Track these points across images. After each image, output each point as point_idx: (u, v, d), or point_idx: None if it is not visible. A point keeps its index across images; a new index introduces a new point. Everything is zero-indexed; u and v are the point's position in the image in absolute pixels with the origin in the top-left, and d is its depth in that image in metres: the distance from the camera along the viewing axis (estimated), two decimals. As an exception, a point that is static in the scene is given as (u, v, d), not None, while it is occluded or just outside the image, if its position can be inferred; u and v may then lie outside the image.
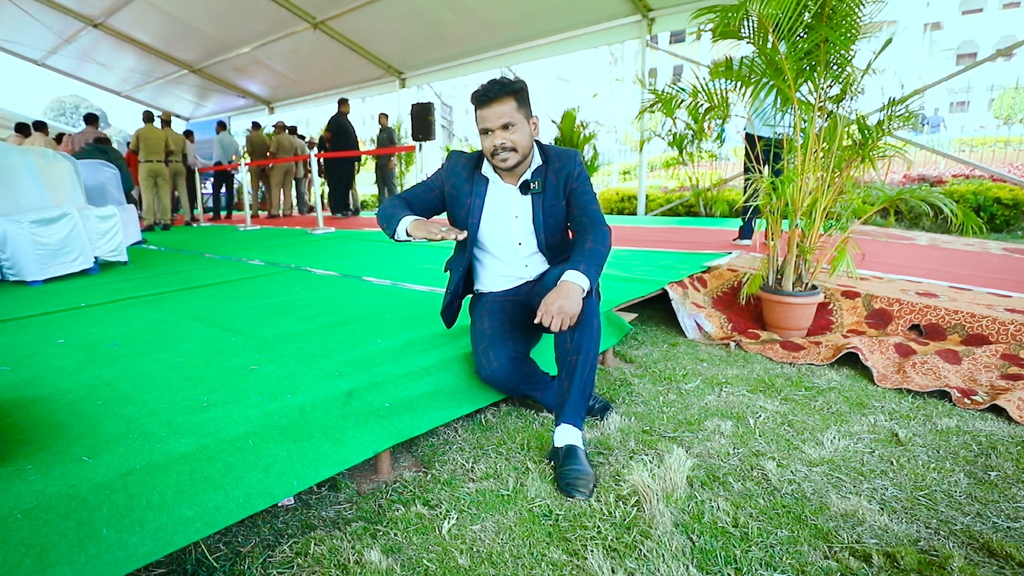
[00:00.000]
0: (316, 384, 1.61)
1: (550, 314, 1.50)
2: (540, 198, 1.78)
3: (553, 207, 1.79)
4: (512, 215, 1.81)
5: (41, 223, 3.70)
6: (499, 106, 1.63)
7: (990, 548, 1.17)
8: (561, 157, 1.79)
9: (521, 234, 1.83)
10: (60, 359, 1.96)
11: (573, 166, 1.78)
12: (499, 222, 1.81)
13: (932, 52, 29.69)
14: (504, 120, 1.64)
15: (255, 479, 1.21)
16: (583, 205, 1.76)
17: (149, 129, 7.84)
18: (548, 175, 1.77)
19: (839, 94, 2.65)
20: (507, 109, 1.64)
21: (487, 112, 1.64)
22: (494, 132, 1.65)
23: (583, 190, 1.77)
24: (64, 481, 1.08)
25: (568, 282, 1.55)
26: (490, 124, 1.64)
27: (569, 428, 1.56)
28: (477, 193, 1.80)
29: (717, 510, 1.32)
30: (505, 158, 1.68)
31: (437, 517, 1.35)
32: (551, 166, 1.78)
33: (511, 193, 1.80)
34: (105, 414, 1.44)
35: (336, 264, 4.10)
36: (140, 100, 13.33)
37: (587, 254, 1.63)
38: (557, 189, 1.78)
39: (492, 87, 1.63)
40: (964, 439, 1.68)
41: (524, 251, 1.85)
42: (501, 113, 1.63)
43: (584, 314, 1.57)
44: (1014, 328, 2.38)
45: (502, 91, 1.63)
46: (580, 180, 1.78)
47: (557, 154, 1.80)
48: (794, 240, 2.69)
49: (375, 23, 8.53)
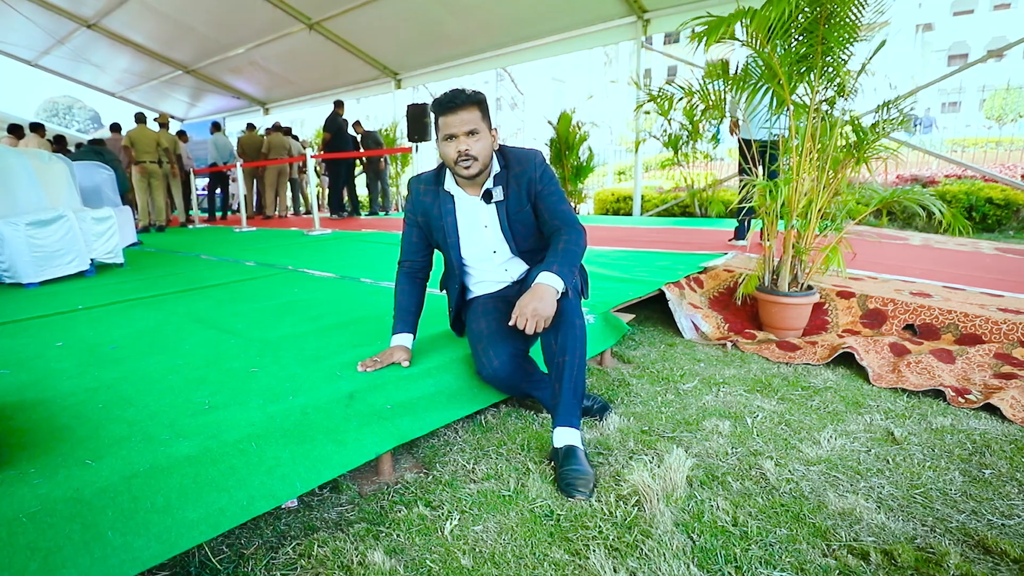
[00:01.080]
0: (318, 386, 1.61)
1: (524, 316, 1.49)
2: (503, 205, 1.76)
3: (519, 213, 1.77)
4: (481, 225, 1.80)
5: (37, 225, 3.69)
6: (465, 113, 1.62)
7: (985, 545, 1.19)
8: (521, 161, 1.76)
9: (493, 242, 1.82)
10: (60, 362, 1.96)
11: (533, 169, 1.75)
12: (471, 234, 1.81)
13: (924, 53, 29.90)
14: (469, 127, 1.62)
15: (258, 481, 1.21)
16: (552, 207, 1.74)
17: (141, 130, 7.82)
18: (509, 181, 1.75)
19: (833, 96, 2.68)
20: (472, 117, 1.63)
21: (452, 119, 1.63)
22: (458, 138, 1.63)
23: (548, 191, 1.75)
24: (68, 484, 1.08)
25: (541, 284, 1.54)
26: (455, 130, 1.63)
27: (567, 430, 1.57)
28: (447, 212, 1.79)
29: (717, 509, 1.34)
30: (468, 165, 1.65)
31: (439, 518, 1.36)
32: (511, 172, 1.75)
33: (476, 204, 1.78)
34: (107, 417, 1.44)
35: (335, 266, 4.10)
36: (134, 101, 13.28)
37: (560, 254, 1.61)
38: (520, 195, 1.75)
39: (458, 94, 1.63)
40: (958, 438, 1.70)
41: (500, 258, 1.85)
42: (466, 120, 1.62)
43: (565, 315, 1.58)
44: (1007, 327, 2.41)
45: (468, 100, 1.62)
46: (544, 181, 1.75)
47: (516, 158, 1.77)
48: (790, 241, 2.71)
49: (371, 24, 8.52)
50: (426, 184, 1.82)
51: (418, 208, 1.83)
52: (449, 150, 1.66)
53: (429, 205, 1.81)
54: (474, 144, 1.64)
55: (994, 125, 19.07)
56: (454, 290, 1.93)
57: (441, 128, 1.66)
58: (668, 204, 8.18)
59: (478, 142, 1.64)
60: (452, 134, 1.63)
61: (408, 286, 1.87)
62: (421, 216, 1.84)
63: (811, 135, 2.65)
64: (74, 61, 11.32)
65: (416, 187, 1.84)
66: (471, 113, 1.63)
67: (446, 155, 1.68)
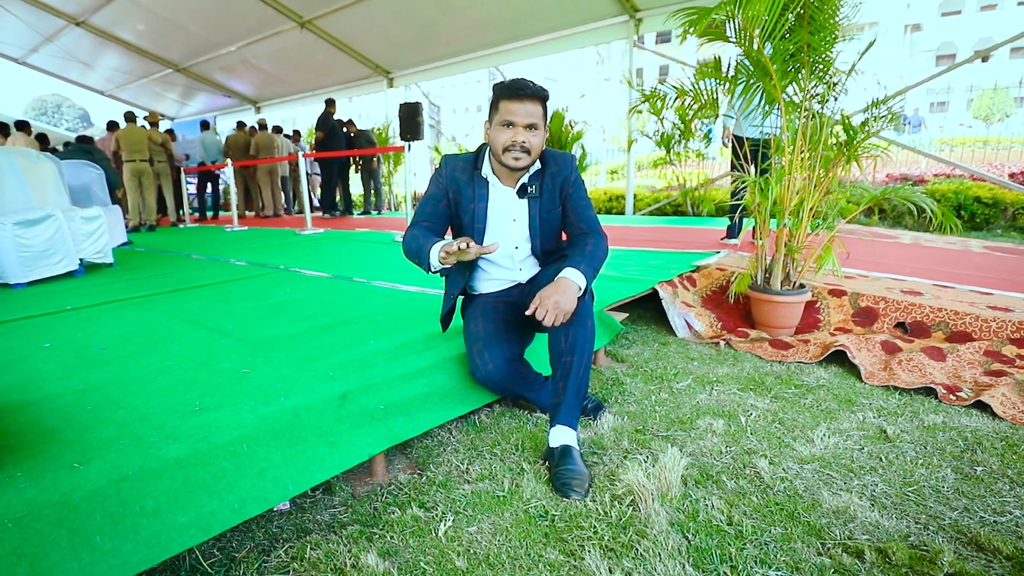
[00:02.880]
0: (310, 386, 1.60)
1: (545, 307, 1.48)
2: (537, 203, 1.77)
3: (549, 212, 1.78)
4: (510, 218, 1.79)
5: (24, 224, 3.64)
6: (531, 105, 1.61)
7: (978, 542, 1.19)
8: (558, 161, 1.77)
9: (518, 238, 1.82)
10: (47, 363, 1.93)
11: (569, 171, 1.77)
12: (498, 225, 1.80)
13: (913, 53, 30.16)
14: (532, 120, 1.62)
15: (250, 484, 1.20)
16: (580, 211, 1.76)
17: (130, 128, 7.74)
18: (545, 179, 1.76)
19: (823, 94, 2.69)
20: (537, 110, 1.62)
21: (519, 107, 1.60)
22: (517, 128, 1.61)
23: (579, 195, 1.77)
24: (55, 488, 1.07)
25: (567, 279, 1.54)
26: (518, 119, 1.61)
27: (564, 429, 1.56)
28: (480, 196, 1.77)
29: (712, 508, 1.33)
30: (518, 156, 1.64)
31: (433, 519, 1.35)
32: (548, 170, 1.76)
33: (509, 196, 1.78)
34: (95, 419, 1.42)
35: (327, 265, 4.08)
36: (124, 100, 13.14)
37: (587, 256, 1.62)
38: (553, 194, 1.76)
39: (529, 84, 1.61)
40: (950, 435, 1.71)
41: (520, 255, 1.85)
42: (531, 112, 1.61)
43: (579, 314, 1.58)
44: (996, 325, 2.43)
45: (537, 93, 1.61)
46: (576, 185, 1.77)
47: (554, 158, 1.78)
48: (782, 239, 2.72)
49: (363, 23, 8.48)
50: (464, 162, 1.80)
51: (451, 183, 1.78)
52: (504, 136, 1.63)
53: (464, 184, 1.77)
54: (531, 138, 1.63)
55: (976, 124, 19.29)
56: (459, 278, 1.85)
57: (501, 112, 1.63)
58: (660, 203, 8.21)
59: (535, 137, 1.64)
60: (512, 122, 1.61)
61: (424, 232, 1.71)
62: (453, 190, 1.78)
63: (802, 133, 2.66)
64: (63, 59, 11.18)
65: (453, 163, 1.80)
66: (536, 106, 1.62)
67: (498, 140, 1.65)
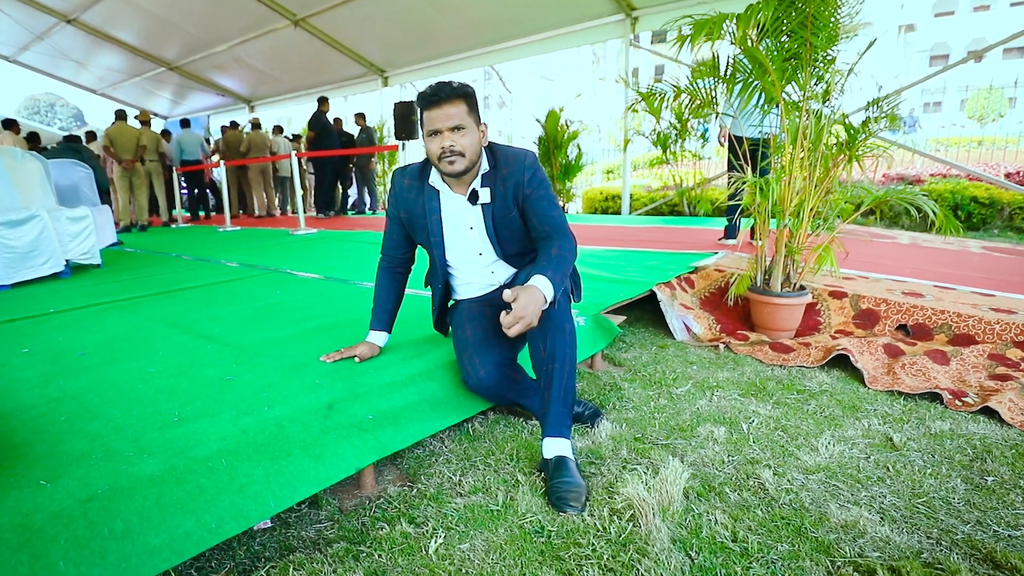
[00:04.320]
0: (295, 395, 1.53)
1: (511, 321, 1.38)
2: (490, 208, 1.67)
3: (504, 217, 1.68)
4: (467, 226, 1.72)
5: (8, 225, 3.55)
6: (449, 107, 1.54)
7: (994, 559, 1.14)
8: (509, 162, 1.66)
9: (479, 244, 1.74)
10: (24, 370, 1.85)
11: (522, 171, 1.65)
12: (456, 234, 1.73)
13: (907, 53, 30.24)
14: (454, 122, 1.54)
15: (228, 501, 1.13)
16: (542, 212, 1.65)
17: (120, 127, 7.63)
18: (497, 183, 1.66)
19: (823, 93, 2.64)
20: (457, 111, 1.54)
21: (436, 112, 1.54)
22: (443, 134, 1.55)
23: (538, 196, 1.65)
24: (17, 510, 1.00)
25: (533, 287, 1.43)
26: (439, 125, 1.54)
27: (557, 440, 1.50)
28: (431, 209, 1.70)
29: (715, 524, 1.28)
30: (452, 161, 1.56)
31: (423, 536, 1.28)
32: (499, 173, 1.66)
33: (461, 203, 1.69)
34: (68, 431, 1.35)
35: (319, 266, 4.00)
36: (117, 98, 13.00)
37: (553, 260, 1.52)
38: (506, 199, 1.66)
39: (443, 87, 1.54)
40: (958, 443, 1.66)
41: (485, 260, 1.78)
42: (451, 114, 1.54)
43: (555, 320, 1.51)
44: (1000, 328, 2.38)
45: (453, 93, 1.54)
46: (533, 185, 1.65)
47: (506, 158, 1.67)
48: (782, 240, 2.67)
49: (357, 21, 8.40)
50: (411, 178, 1.74)
51: (401, 205, 1.76)
52: (433, 146, 1.58)
53: (413, 202, 1.73)
54: (459, 140, 1.55)
55: (969, 124, 19.35)
56: (438, 289, 1.87)
57: (425, 123, 1.57)
58: (657, 203, 8.16)
59: (464, 137, 1.56)
60: (436, 129, 1.55)
61: (387, 281, 1.86)
62: (404, 213, 1.77)
63: (802, 132, 2.61)
64: (55, 57, 11.04)
65: (400, 180, 1.75)
66: (456, 107, 1.54)
67: (430, 151, 1.60)
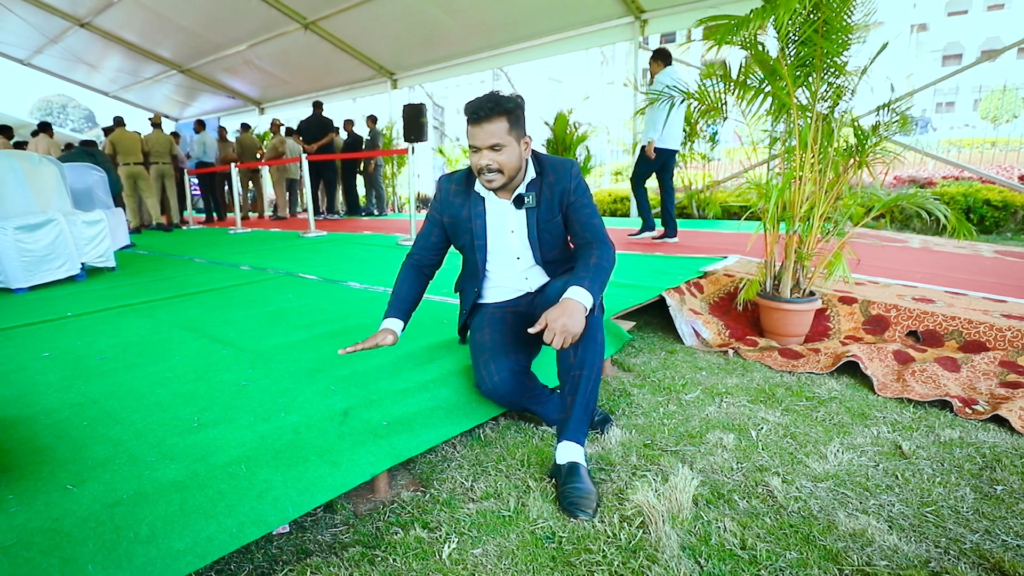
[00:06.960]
0: (311, 402, 1.56)
1: (553, 331, 1.44)
2: (534, 213, 1.73)
3: (548, 222, 1.74)
4: (508, 230, 1.77)
5: (26, 229, 3.62)
6: (489, 125, 1.57)
7: (1002, 569, 1.15)
8: (556, 169, 1.72)
9: (518, 248, 1.79)
10: (45, 374, 1.90)
11: (568, 180, 1.71)
12: (497, 238, 1.78)
13: (919, 53, 29.96)
14: (492, 141, 1.57)
15: (248, 507, 1.16)
16: (584, 220, 1.71)
17: (121, 132, 7.79)
18: (543, 189, 1.72)
19: (834, 97, 2.64)
20: (497, 129, 1.57)
21: (476, 130, 1.58)
22: (481, 151, 1.59)
23: (582, 204, 1.71)
24: (47, 514, 1.03)
25: (571, 300, 1.49)
26: (478, 143, 1.58)
27: (572, 445, 1.52)
28: (476, 215, 1.76)
29: (724, 531, 1.29)
30: (491, 179, 1.62)
31: (437, 541, 1.31)
32: (546, 179, 1.72)
33: (506, 207, 1.75)
34: (91, 436, 1.39)
35: (330, 270, 4.04)
36: (128, 100, 13.16)
37: (592, 270, 1.58)
38: (552, 204, 1.72)
39: (484, 104, 1.56)
40: (968, 451, 1.66)
41: (523, 264, 1.82)
42: (491, 132, 1.57)
43: (588, 329, 1.54)
44: (1011, 334, 2.37)
45: (494, 110, 1.56)
46: (578, 193, 1.71)
47: (552, 166, 1.73)
48: (792, 246, 2.67)
49: (367, 24, 8.46)
50: (457, 184, 1.79)
51: (445, 209, 1.80)
52: (473, 160, 1.63)
53: (459, 207, 1.78)
54: (496, 158, 1.59)
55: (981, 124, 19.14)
56: (471, 293, 1.89)
57: (468, 136, 1.62)
58: (666, 205, 8.13)
59: (501, 155, 1.59)
60: (476, 146, 1.60)
61: (411, 277, 1.84)
62: (448, 218, 1.81)
63: (813, 137, 2.61)
64: (67, 60, 11.20)
65: (447, 186, 1.80)
66: (496, 124, 1.57)
67: (472, 163, 1.65)
